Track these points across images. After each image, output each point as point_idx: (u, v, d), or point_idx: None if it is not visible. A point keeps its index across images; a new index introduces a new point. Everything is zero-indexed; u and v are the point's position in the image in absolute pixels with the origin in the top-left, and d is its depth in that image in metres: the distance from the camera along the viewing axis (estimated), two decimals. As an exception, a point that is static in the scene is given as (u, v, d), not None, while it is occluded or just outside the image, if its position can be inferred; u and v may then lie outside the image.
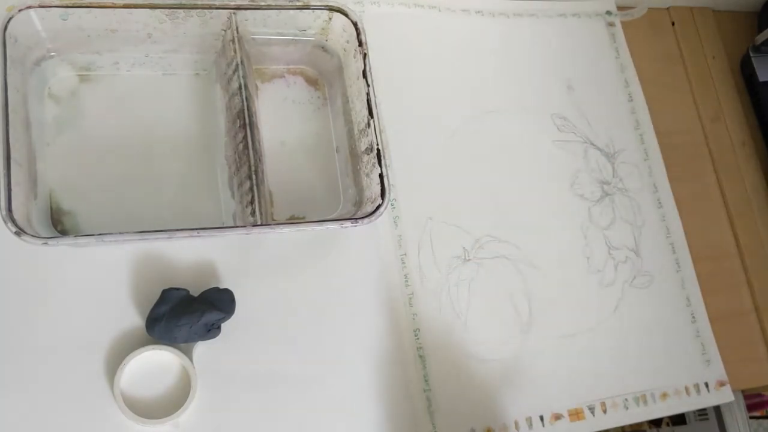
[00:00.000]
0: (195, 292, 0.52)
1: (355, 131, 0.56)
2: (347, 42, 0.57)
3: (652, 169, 0.70)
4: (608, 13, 0.75)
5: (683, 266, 0.68)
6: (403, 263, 0.59)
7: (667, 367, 0.64)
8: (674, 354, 0.65)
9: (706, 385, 0.65)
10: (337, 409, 0.54)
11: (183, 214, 0.54)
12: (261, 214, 0.50)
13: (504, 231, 0.63)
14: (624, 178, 0.69)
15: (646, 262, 0.67)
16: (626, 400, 0.62)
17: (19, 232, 0.44)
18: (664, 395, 0.63)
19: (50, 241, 0.45)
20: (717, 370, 0.66)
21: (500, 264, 0.62)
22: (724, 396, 0.65)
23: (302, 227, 0.52)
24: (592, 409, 0.61)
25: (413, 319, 0.58)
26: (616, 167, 0.69)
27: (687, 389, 0.64)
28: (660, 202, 0.69)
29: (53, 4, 0.50)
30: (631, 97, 0.72)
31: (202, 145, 0.56)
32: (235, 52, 0.53)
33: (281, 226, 0.50)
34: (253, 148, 0.51)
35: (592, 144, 0.69)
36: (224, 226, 0.54)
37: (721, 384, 0.65)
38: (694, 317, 0.67)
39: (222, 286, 0.52)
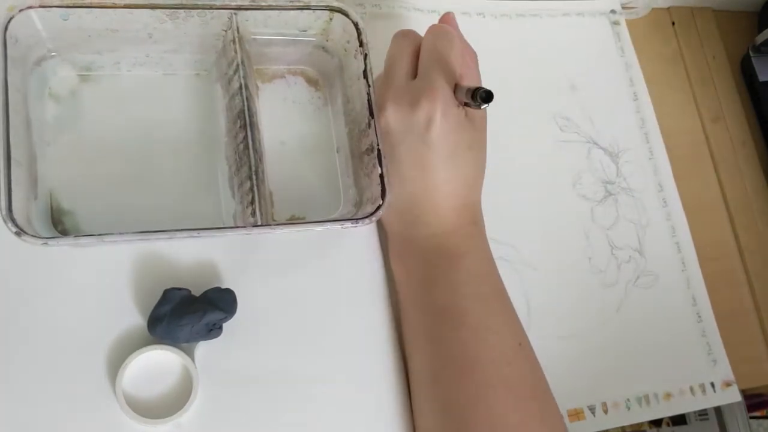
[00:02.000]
0: (196, 291, 0.51)
1: (356, 132, 0.56)
2: (348, 42, 0.57)
3: (657, 168, 0.70)
4: (612, 12, 0.75)
5: (688, 265, 0.68)
6: (404, 263, 0.59)
7: (672, 367, 0.64)
8: (679, 354, 0.65)
9: (712, 385, 0.65)
10: (340, 407, 0.54)
11: (183, 214, 0.54)
12: (261, 214, 0.50)
13: (503, 233, 0.63)
14: (628, 178, 0.69)
15: (650, 262, 0.67)
16: (628, 400, 0.62)
17: (20, 232, 0.44)
18: (668, 395, 0.63)
19: (50, 242, 0.45)
20: (723, 370, 0.65)
21: (499, 266, 0.62)
22: (731, 396, 0.65)
23: (303, 228, 0.52)
24: (592, 410, 0.61)
25: (415, 319, 0.58)
26: (620, 167, 0.69)
27: (692, 389, 0.64)
28: (665, 201, 0.69)
29: (54, 4, 0.49)
30: (635, 95, 0.72)
31: (203, 145, 0.56)
32: (235, 52, 0.53)
33: (282, 227, 0.50)
34: (253, 149, 0.51)
35: (596, 144, 0.69)
36: (224, 226, 0.54)
37: (727, 384, 0.65)
38: (699, 317, 0.67)
39: (223, 286, 0.52)
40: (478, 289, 0.53)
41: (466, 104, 0.52)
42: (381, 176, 0.52)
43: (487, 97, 0.49)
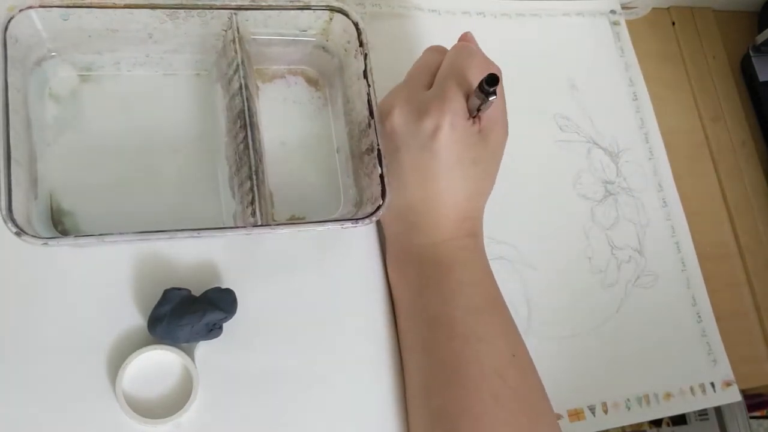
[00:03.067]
0: (197, 291, 0.51)
1: (356, 132, 0.56)
2: (348, 42, 0.57)
3: (656, 168, 0.70)
4: (612, 12, 0.75)
5: (688, 265, 0.68)
6: (405, 263, 0.59)
7: (672, 367, 0.64)
8: (679, 354, 0.65)
9: (712, 385, 0.65)
10: (340, 408, 0.54)
11: (183, 214, 0.54)
12: (261, 214, 0.50)
13: (503, 232, 0.63)
14: (628, 178, 0.69)
15: (650, 262, 0.67)
16: (628, 400, 0.62)
17: (20, 232, 0.44)
18: (668, 395, 0.63)
19: (50, 242, 0.45)
20: (723, 370, 0.65)
21: (499, 265, 0.62)
22: (731, 396, 0.65)
23: (303, 228, 0.52)
24: (592, 410, 0.61)
25: (415, 319, 0.58)
26: (620, 166, 0.69)
27: (692, 389, 0.64)
28: (665, 201, 0.69)
29: (54, 4, 0.49)
30: (635, 95, 0.72)
31: (203, 145, 0.56)
32: (235, 52, 0.53)
33: (282, 227, 0.50)
34: (253, 149, 0.51)
35: (596, 143, 0.69)
36: (225, 226, 0.54)
37: (728, 384, 0.65)
38: (699, 317, 0.67)
39: (223, 286, 0.52)
40: (471, 300, 0.53)
41: (479, 110, 0.52)
42: (381, 176, 0.52)
43: (491, 80, 0.49)
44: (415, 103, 0.53)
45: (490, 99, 0.50)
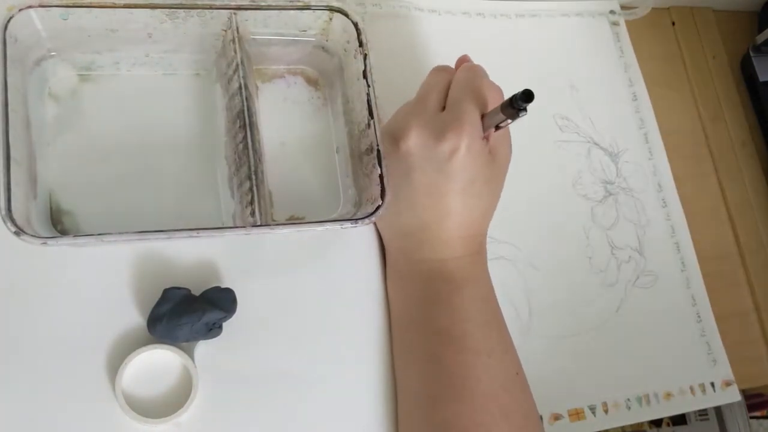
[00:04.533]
0: (196, 291, 0.52)
1: (356, 132, 0.56)
2: (348, 42, 0.57)
3: (656, 168, 0.70)
4: (612, 12, 0.75)
5: (688, 265, 0.68)
6: (405, 263, 0.59)
7: (672, 366, 0.64)
8: (679, 353, 0.65)
9: (712, 384, 0.65)
10: (340, 407, 0.54)
11: (183, 214, 0.54)
12: (261, 214, 0.50)
13: (504, 232, 0.63)
14: (628, 178, 0.69)
15: (650, 262, 0.67)
16: (629, 400, 0.62)
17: (19, 231, 0.44)
18: (668, 395, 0.63)
19: (49, 241, 0.45)
20: (723, 370, 0.66)
21: (500, 265, 0.62)
22: (731, 396, 0.65)
23: (302, 228, 0.52)
24: (593, 410, 0.61)
25: (414, 319, 0.58)
26: (620, 167, 0.69)
27: (692, 389, 0.64)
28: (664, 201, 0.69)
29: (53, 4, 0.49)
30: (635, 96, 0.72)
31: (202, 145, 0.56)
32: (235, 52, 0.53)
33: (281, 227, 0.50)
34: (253, 149, 0.51)
35: (596, 144, 0.69)
36: (224, 226, 0.54)
37: (727, 384, 0.65)
38: (699, 316, 0.67)
39: (223, 286, 0.52)
40: (479, 315, 0.53)
41: (497, 128, 0.52)
42: (380, 176, 0.52)
43: (526, 97, 0.47)
44: (432, 126, 0.53)
45: (521, 115, 0.49)
